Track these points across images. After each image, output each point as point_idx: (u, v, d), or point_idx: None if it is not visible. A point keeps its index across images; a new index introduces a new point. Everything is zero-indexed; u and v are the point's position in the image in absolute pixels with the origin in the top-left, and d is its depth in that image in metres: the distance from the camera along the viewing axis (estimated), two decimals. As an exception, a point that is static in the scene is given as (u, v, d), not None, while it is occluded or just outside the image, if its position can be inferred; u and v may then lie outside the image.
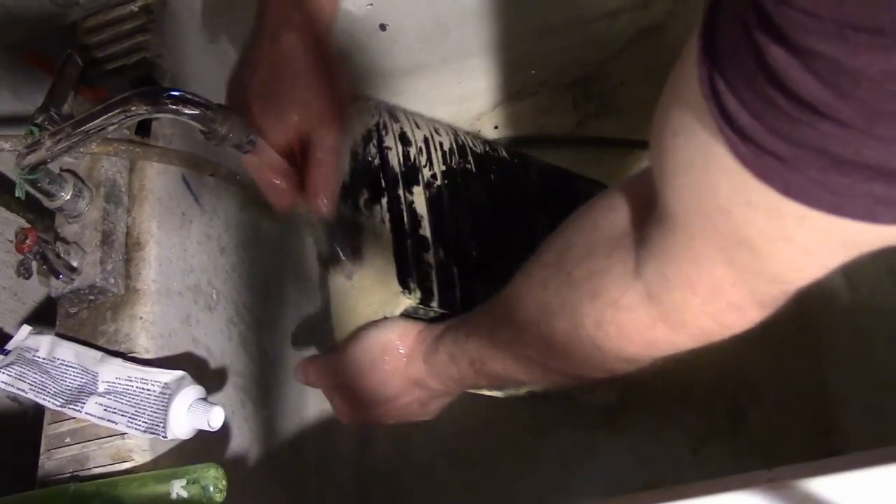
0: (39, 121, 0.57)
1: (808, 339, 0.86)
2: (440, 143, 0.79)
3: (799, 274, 0.35)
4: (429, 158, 0.77)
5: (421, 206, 0.72)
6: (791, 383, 0.85)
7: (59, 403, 0.56)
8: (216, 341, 0.69)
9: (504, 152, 0.86)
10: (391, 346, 0.62)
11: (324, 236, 0.71)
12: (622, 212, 0.45)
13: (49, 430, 0.58)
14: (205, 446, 0.61)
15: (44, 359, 0.59)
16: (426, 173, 0.75)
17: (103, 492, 0.52)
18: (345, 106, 0.57)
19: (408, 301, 0.65)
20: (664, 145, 0.35)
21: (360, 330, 0.65)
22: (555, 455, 0.89)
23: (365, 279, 0.68)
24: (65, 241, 0.60)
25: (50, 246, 0.58)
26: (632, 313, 0.43)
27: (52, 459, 0.57)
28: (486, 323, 0.56)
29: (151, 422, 0.55)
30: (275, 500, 0.76)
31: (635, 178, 0.46)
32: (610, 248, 0.45)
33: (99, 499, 0.52)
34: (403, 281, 0.66)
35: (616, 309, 0.43)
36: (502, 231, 0.78)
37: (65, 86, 0.62)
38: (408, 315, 0.66)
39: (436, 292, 0.67)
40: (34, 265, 0.59)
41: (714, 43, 0.29)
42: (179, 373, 0.57)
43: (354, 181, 0.74)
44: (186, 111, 0.48)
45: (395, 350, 0.62)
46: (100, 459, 0.56)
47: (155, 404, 0.55)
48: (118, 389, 0.56)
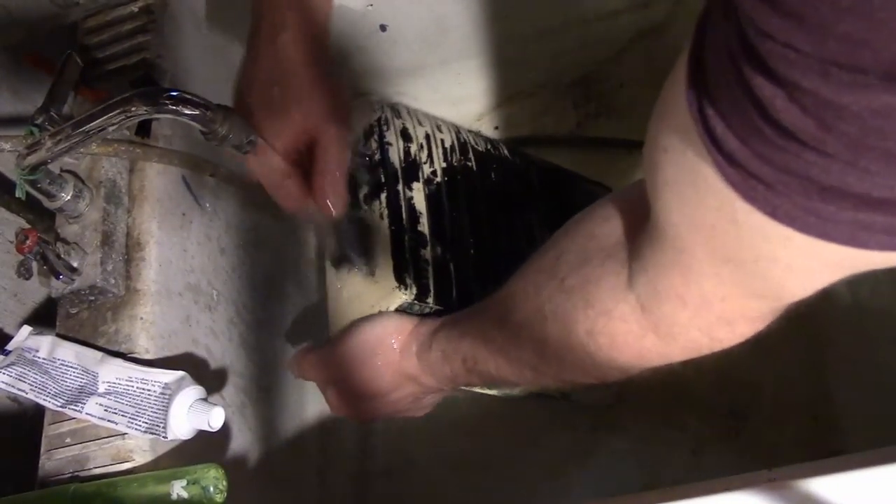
0: (40, 121, 0.57)
1: (809, 340, 0.86)
2: (442, 140, 0.79)
3: (785, 292, 0.36)
4: (429, 155, 0.77)
5: (420, 202, 0.72)
6: (791, 383, 0.85)
7: (59, 404, 0.56)
8: (216, 342, 0.69)
9: (505, 151, 0.86)
10: (385, 341, 0.62)
11: (333, 236, 0.71)
12: (617, 222, 0.45)
13: (49, 431, 0.58)
14: (205, 447, 0.61)
15: (44, 359, 0.59)
16: (426, 170, 0.75)
17: (103, 492, 0.52)
18: (346, 103, 0.57)
19: (403, 297, 0.65)
20: (655, 160, 0.35)
21: (355, 324, 0.65)
22: (555, 455, 0.89)
23: (361, 274, 0.68)
24: (65, 242, 0.60)
25: (50, 246, 0.58)
26: (624, 324, 0.43)
27: (53, 460, 0.57)
28: (481, 323, 0.56)
29: (152, 422, 0.55)
30: (275, 500, 0.76)
31: (631, 188, 0.46)
32: (604, 257, 0.45)
33: (99, 499, 0.52)
34: (399, 276, 0.66)
35: (608, 318, 0.44)
36: (501, 229, 0.78)
37: (65, 86, 0.62)
38: (403, 311, 0.66)
39: (432, 289, 0.67)
40: (34, 266, 0.59)
41: (702, 65, 0.29)
42: (180, 373, 0.57)
43: (354, 176, 0.74)
44: (186, 111, 0.48)
45: (389, 344, 0.62)
46: (100, 460, 0.56)
47: (155, 405, 0.55)
48: (118, 390, 0.56)
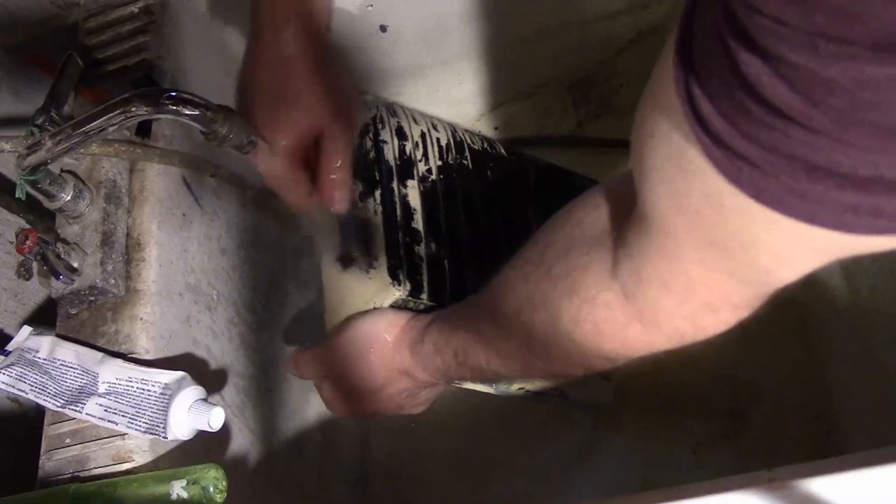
0: (40, 122, 0.57)
1: (809, 339, 0.86)
2: (437, 138, 0.80)
3: (770, 277, 0.35)
4: (424, 153, 0.77)
5: (415, 199, 0.73)
6: (791, 383, 0.85)
7: (59, 404, 0.56)
8: (216, 342, 0.69)
9: (502, 150, 0.86)
10: (378, 336, 0.63)
11: (337, 233, 0.71)
12: (604, 210, 0.45)
13: (49, 431, 0.58)
14: (205, 447, 0.61)
15: (44, 359, 0.59)
16: (421, 167, 0.75)
17: (103, 492, 0.52)
18: (352, 99, 0.58)
19: (397, 293, 0.65)
20: (642, 145, 0.35)
21: (349, 320, 0.65)
22: (554, 455, 0.89)
23: (362, 271, 0.68)
24: (65, 242, 0.60)
25: (50, 247, 0.58)
26: (608, 311, 0.43)
27: (53, 460, 0.57)
28: (471, 316, 0.57)
29: (152, 422, 0.55)
30: (275, 501, 0.76)
31: (620, 178, 0.46)
32: (589, 245, 0.45)
33: (99, 499, 0.52)
34: (394, 273, 0.66)
35: (593, 306, 0.44)
36: (496, 227, 0.78)
37: (65, 87, 0.62)
38: (397, 307, 0.66)
39: (425, 285, 0.67)
40: (35, 266, 0.59)
41: (689, 46, 0.29)
42: (180, 373, 0.57)
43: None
44: (186, 112, 0.48)
45: (383, 340, 0.62)
46: (100, 460, 0.56)
47: (155, 405, 0.55)
48: (118, 390, 0.56)
